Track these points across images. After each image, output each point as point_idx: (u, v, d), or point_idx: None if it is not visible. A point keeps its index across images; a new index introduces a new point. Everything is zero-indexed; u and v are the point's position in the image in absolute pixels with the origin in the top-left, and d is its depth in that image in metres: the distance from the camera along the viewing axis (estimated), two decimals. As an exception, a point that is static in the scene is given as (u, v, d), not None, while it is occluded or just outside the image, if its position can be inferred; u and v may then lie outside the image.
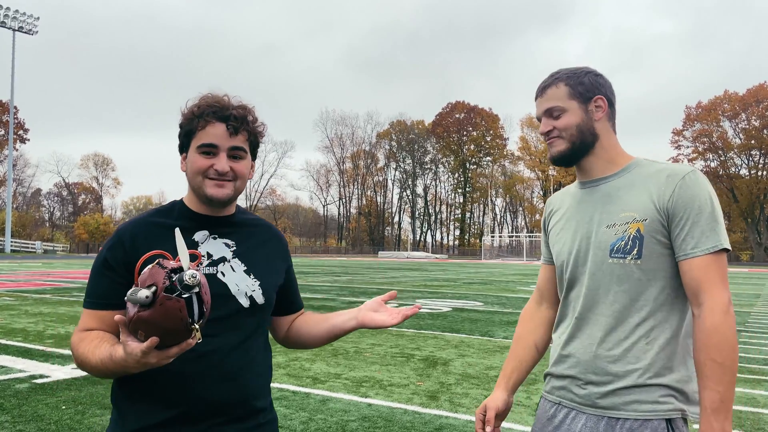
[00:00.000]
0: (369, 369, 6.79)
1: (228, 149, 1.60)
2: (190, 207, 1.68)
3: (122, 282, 1.55)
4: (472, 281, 24.50)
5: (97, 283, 1.59)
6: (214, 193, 1.60)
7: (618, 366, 1.62)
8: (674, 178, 1.62)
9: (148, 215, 1.67)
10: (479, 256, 73.41)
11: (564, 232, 1.80)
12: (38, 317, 10.74)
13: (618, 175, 1.72)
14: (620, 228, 1.64)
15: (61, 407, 5.05)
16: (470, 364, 7.18)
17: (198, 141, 1.59)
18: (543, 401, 1.83)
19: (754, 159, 76.63)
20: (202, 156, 1.59)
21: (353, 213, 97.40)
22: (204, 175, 1.60)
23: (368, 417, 4.95)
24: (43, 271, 27.40)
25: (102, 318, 1.56)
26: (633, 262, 1.62)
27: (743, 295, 19.46)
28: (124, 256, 1.56)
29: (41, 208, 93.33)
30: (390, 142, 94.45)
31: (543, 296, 1.96)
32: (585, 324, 1.70)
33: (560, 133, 1.73)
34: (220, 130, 1.58)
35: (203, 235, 1.66)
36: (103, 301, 1.57)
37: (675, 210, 1.59)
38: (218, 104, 1.59)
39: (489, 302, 15.18)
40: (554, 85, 1.75)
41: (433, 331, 9.75)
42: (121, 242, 1.58)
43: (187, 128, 1.61)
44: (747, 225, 75.94)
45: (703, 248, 1.56)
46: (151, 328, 1.26)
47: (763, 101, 72.80)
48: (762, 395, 6.02)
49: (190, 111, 1.61)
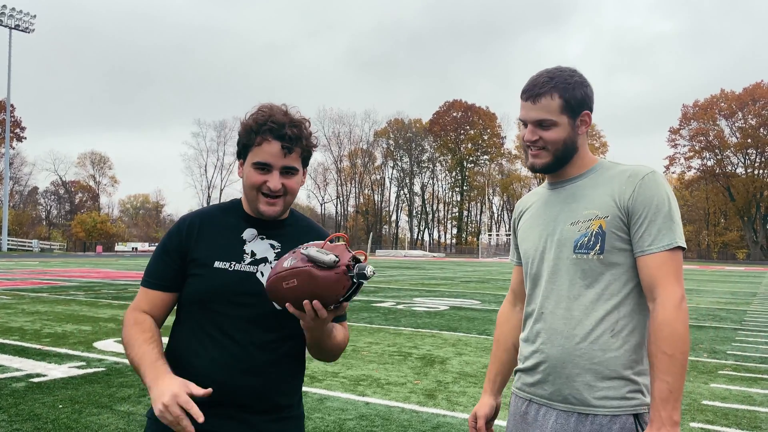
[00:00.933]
0: (366, 368, 6.79)
1: (281, 168, 1.69)
2: (245, 208, 1.79)
3: (175, 267, 1.72)
4: (469, 279, 24.52)
5: (154, 264, 1.76)
6: (265, 209, 1.71)
7: (585, 360, 1.66)
8: (634, 178, 1.68)
9: (211, 209, 1.83)
10: (476, 255, 73.48)
11: (530, 231, 1.85)
12: (35, 316, 10.72)
13: (584, 176, 1.78)
14: (583, 225, 1.70)
15: (57, 406, 5.04)
16: (468, 363, 7.19)
17: (254, 157, 1.69)
18: (514, 398, 1.86)
19: (750, 158, 76.81)
20: (256, 172, 1.69)
21: (351, 211, 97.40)
22: (258, 190, 1.70)
23: (366, 416, 4.95)
24: (39, 269, 27.35)
25: (152, 298, 1.73)
26: (596, 257, 1.67)
27: (740, 294, 19.52)
28: (179, 244, 1.72)
29: (38, 206, 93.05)
30: (387, 141, 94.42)
31: (517, 297, 2.02)
32: (552, 319, 1.73)
33: (546, 146, 1.74)
34: (275, 149, 1.67)
35: (251, 233, 1.76)
36: (156, 281, 1.74)
37: (634, 208, 1.65)
38: (275, 122, 1.66)
39: (486, 300, 15.20)
40: (549, 95, 1.72)
41: (430, 330, 9.76)
42: (179, 231, 1.74)
43: (245, 141, 1.70)
44: (743, 223, 76.13)
45: (659, 245, 1.62)
46: (311, 284, 1.46)
47: (759, 100, 72.96)
48: (758, 393, 6.04)
49: (249, 125, 1.69)
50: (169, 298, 1.75)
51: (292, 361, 1.76)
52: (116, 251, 65.74)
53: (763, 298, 17.89)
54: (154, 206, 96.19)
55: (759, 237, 75.18)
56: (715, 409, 5.39)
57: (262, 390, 1.68)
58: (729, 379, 6.62)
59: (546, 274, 1.75)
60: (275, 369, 1.70)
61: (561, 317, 1.71)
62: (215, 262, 1.70)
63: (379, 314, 11.74)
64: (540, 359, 1.74)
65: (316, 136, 1.78)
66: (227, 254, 1.72)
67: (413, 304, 13.94)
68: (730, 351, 8.34)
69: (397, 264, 42.68)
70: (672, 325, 1.56)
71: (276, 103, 1.73)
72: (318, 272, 1.46)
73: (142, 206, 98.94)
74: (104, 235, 75.17)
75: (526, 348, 1.81)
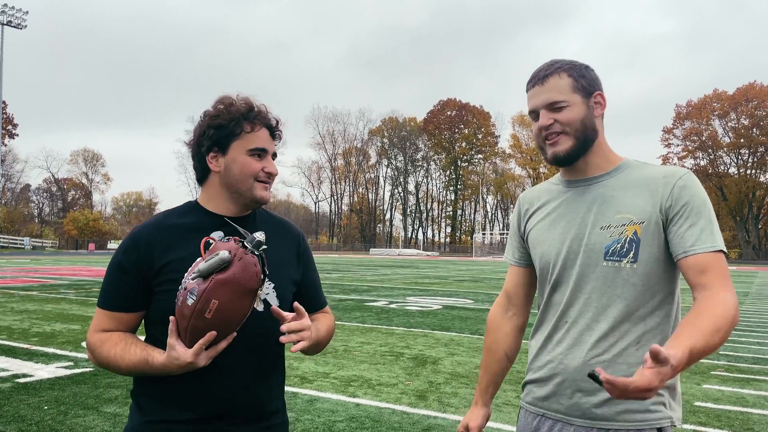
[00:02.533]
0: (358, 368, 6.73)
1: (272, 153, 1.69)
2: (207, 208, 1.68)
3: (136, 286, 1.58)
4: (462, 278, 24.51)
5: (113, 285, 1.61)
6: (264, 195, 1.66)
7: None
8: (671, 179, 1.58)
9: (163, 217, 1.68)
10: (470, 254, 73.54)
11: (550, 233, 1.70)
12: (24, 315, 10.61)
13: (610, 175, 1.65)
14: (616, 230, 1.57)
15: (43, 407, 4.96)
16: (460, 363, 7.14)
17: (248, 144, 1.63)
18: (524, 413, 1.75)
19: (743, 158, 77.14)
20: (253, 159, 1.64)
21: (345, 210, 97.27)
22: (254, 178, 1.64)
23: (356, 417, 4.90)
24: (30, 267, 27.16)
25: (119, 320, 1.60)
26: (629, 266, 1.56)
27: (732, 293, 19.55)
28: (138, 261, 1.58)
29: (30, 203, 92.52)
30: (382, 139, 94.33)
31: (511, 302, 1.88)
32: (572, 328, 1.62)
33: (564, 129, 1.61)
34: (266, 135, 1.66)
35: (220, 236, 1.64)
36: (121, 304, 1.60)
37: (673, 211, 1.55)
38: (258, 110, 1.66)
39: (479, 300, 15.16)
40: (556, 74, 1.62)
41: (423, 329, 9.72)
42: (136, 246, 1.59)
43: (230, 129, 1.62)
44: (735, 223, 76.49)
45: (704, 246, 1.50)
46: (229, 290, 1.38)
47: (752, 100, 73.28)
48: (751, 394, 6.02)
49: (232, 112, 1.63)
50: (134, 318, 1.63)
51: (276, 364, 1.70)
52: (109, 249, 65.37)
53: (755, 298, 17.95)
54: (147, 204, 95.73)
55: (751, 237, 75.56)
56: (707, 411, 5.36)
57: (252, 399, 1.62)
58: (722, 380, 6.60)
59: (571, 281, 1.62)
60: (262, 374, 1.64)
61: (585, 327, 1.60)
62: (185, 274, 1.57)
63: (371, 314, 11.69)
64: (556, 370, 1.63)
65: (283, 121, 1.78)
66: None
67: (406, 303, 13.89)
68: (722, 351, 8.33)
69: (391, 263, 42.65)
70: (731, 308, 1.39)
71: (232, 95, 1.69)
72: (225, 274, 1.38)
73: (135, 204, 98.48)
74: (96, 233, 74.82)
75: (540, 357, 1.69)
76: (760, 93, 72.88)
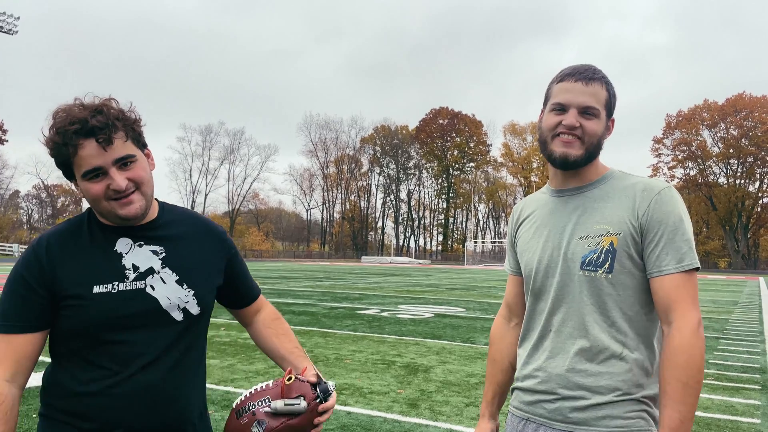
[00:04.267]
0: (349, 376, 6.72)
1: (113, 163, 1.44)
2: (103, 220, 1.54)
3: (41, 302, 1.45)
4: (454, 287, 24.51)
5: (12, 303, 1.46)
6: (127, 211, 1.47)
7: (590, 380, 1.59)
8: (649, 192, 1.59)
9: (64, 226, 1.55)
10: (462, 262, 73.60)
11: (534, 241, 1.74)
12: (12, 322, 10.51)
13: (594, 186, 1.68)
14: (593, 240, 1.60)
15: (32, 416, 4.92)
16: (451, 371, 7.14)
17: (80, 170, 1.43)
18: (511, 417, 1.79)
19: (732, 168, 77.81)
20: (92, 182, 1.44)
21: (336, 217, 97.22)
22: (106, 198, 1.46)
23: (347, 426, 4.88)
24: (19, 274, 26.93)
25: (18, 345, 1.44)
26: (604, 276, 1.58)
27: (721, 302, 19.68)
28: (40, 274, 1.46)
29: (19, 210, 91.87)
30: (374, 147, 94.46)
31: (512, 312, 1.91)
32: (555, 336, 1.66)
33: (583, 136, 1.61)
34: (93, 150, 1.41)
35: (126, 244, 1.53)
36: (21, 323, 1.45)
37: (649, 225, 1.56)
38: (76, 120, 1.41)
39: (471, 308, 15.17)
40: (600, 82, 1.62)
41: (414, 338, 9.71)
42: (38, 258, 1.47)
43: (60, 159, 1.45)
44: (725, 233, 77.04)
45: (677, 266, 1.53)
46: None
47: (741, 111, 73.99)
48: (740, 403, 6.05)
49: (51, 140, 1.43)
50: (39, 339, 1.48)
51: (194, 372, 1.62)
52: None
53: (745, 307, 18.05)
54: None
55: (740, 246, 76.10)
56: (697, 419, 5.38)
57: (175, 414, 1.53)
58: (711, 389, 6.63)
59: (552, 290, 1.66)
60: (185, 388, 1.56)
61: (567, 335, 1.63)
62: (94, 287, 1.46)
63: (363, 322, 11.67)
64: (541, 377, 1.66)
65: (132, 110, 1.52)
66: (105, 275, 1.48)
67: (398, 311, 13.87)
68: (712, 360, 8.37)
69: (383, 271, 42.61)
70: (689, 352, 1.49)
71: (69, 102, 1.48)
72: (294, 421, 1.51)
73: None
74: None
75: (527, 365, 1.72)
76: (750, 103, 73.64)
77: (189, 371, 1.59)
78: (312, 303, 15.43)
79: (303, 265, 54.93)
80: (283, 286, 21.81)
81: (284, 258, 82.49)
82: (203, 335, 1.67)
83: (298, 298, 16.71)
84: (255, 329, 1.83)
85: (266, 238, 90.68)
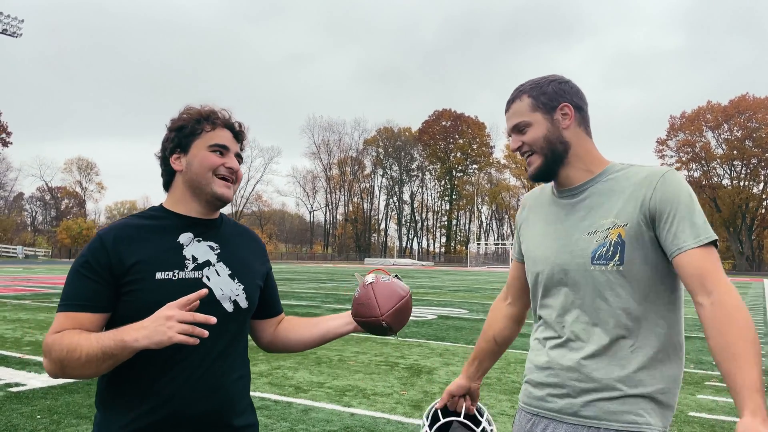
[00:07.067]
0: (353, 378, 6.72)
1: (235, 153, 1.71)
2: (173, 210, 1.69)
3: (104, 285, 1.54)
4: (457, 288, 24.50)
5: (77, 286, 1.55)
6: (224, 192, 1.67)
7: (601, 374, 1.60)
8: (653, 177, 1.60)
9: (129, 219, 1.67)
10: (465, 264, 73.53)
11: (541, 238, 1.76)
12: (17, 323, 10.55)
13: (595, 181, 1.69)
14: (601, 234, 1.62)
15: (36, 417, 4.93)
16: (455, 373, 7.13)
17: (209, 141, 1.66)
18: (520, 413, 1.80)
19: (736, 169, 77.63)
20: (213, 154, 1.66)
21: (339, 219, 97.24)
22: (214, 172, 1.66)
23: (350, 427, 4.88)
24: (23, 276, 27.01)
25: (81, 321, 1.52)
26: (615, 269, 1.59)
27: (726, 304, 19.59)
28: (107, 260, 1.55)
29: (23, 212, 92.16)
30: (377, 149, 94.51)
31: (509, 291, 2.01)
32: (566, 331, 1.67)
33: (530, 148, 1.71)
34: (228, 135, 1.70)
35: (188, 237, 1.66)
36: (85, 303, 1.53)
37: (659, 208, 1.57)
38: (222, 114, 1.71)
39: (474, 310, 15.17)
40: (518, 98, 1.73)
41: (417, 339, 9.71)
42: (104, 246, 1.57)
43: (191, 129, 1.66)
44: (729, 234, 76.82)
45: (696, 240, 1.53)
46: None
47: (745, 112, 73.85)
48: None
49: (194, 114, 1.67)
50: (100, 320, 1.55)
51: (241, 363, 1.71)
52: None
53: (749, 309, 17.99)
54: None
55: (744, 248, 75.89)
56: (702, 421, 5.37)
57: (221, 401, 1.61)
58: (716, 390, 6.61)
59: (560, 285, 1.68)
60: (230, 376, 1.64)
61: (580, 330, 1.64)
62: (156, 273, 1.57)
63: (366, 323, 11.65)
64: (552, 372, 1.68)
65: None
66: (167, 263, 1.59)
67: (401, 313, 13.85)
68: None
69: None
70: (743, 312, 1.45)
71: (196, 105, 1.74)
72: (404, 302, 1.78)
73: (129, 213, 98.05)
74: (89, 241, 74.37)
75: (537, 358, 1.74)
76: (753, 105, 73.49)
77: (235, 361, 1.67)
78: (315, 305, 15.44)
79: (306, 266, 54.95)
80: (286, 288, 21.82)
81: (287, 260, 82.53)
82: (247, 330, 1.78)
83: (301, 300, 16.72)
84: (281, 329, 1.90)
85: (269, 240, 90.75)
